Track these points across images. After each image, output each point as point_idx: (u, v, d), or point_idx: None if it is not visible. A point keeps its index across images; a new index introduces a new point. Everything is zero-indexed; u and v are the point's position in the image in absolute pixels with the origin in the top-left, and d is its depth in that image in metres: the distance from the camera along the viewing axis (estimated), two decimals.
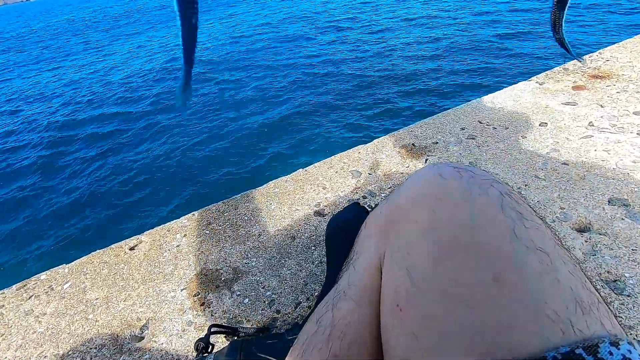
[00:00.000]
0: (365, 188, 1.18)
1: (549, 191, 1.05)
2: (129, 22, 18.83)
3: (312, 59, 7.32)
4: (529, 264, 0.37)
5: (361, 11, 10.74)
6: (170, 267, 0.99)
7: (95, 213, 3.80)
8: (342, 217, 0.77)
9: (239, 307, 0.85)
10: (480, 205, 0.42)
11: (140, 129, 5.48)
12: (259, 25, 11.56)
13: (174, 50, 9.68)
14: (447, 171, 0.47)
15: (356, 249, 0.54)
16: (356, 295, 0.47)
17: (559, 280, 0.37)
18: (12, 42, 19.72)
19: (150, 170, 4.32)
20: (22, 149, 5.62)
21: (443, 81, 5.36)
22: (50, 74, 10.11)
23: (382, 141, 1.43)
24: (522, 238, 0.39)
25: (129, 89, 7.52)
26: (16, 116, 7.08)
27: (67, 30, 20.15)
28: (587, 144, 1.24)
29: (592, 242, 0.88)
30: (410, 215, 0.46)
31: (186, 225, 1.14)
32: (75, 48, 13.75)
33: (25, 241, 3.61)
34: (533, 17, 7.66)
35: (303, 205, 1.15)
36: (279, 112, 5.19)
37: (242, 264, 0.97)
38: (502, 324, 0.35)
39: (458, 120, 1.50)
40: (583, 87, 1.61)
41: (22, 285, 1.01)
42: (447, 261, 0.40)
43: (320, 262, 0.94)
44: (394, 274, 0.44)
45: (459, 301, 0.37)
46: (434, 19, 8.65)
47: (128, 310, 0.88)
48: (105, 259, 1.06)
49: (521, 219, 0.42)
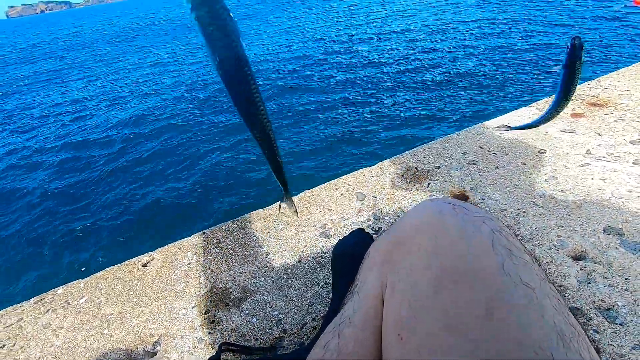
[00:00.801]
0: (370, 211, 1.23)
1: (547, 219, 1.10)
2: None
3: (314, 82, 7.47)
4: (516, 299, 0.42)
5: (366, 36, 10.95)
6: (182, 285, 1.04)
7: (110, 228, 3.87)
8: (347, 242, 0.82)
9: (247, 326, 0.89)
10: (474, 241, 0.47)
11: (157, 148, 5.60)
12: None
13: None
14: (445, 207, 0.52)
15: (360, 277, 0.58)
16: (360, 323, 0.51)
17: (543, 316, 0.41)
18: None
19: (159, 190, 4.41)
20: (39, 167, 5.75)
21: (445, 106, 5.46)
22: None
23: (385, 164, 1.48)
24: (511, 273, 0.44)
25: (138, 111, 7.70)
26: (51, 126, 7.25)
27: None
28: (585, 172, 1.28)
29: (587, 270, 0.91)
30: (411, 248, 0.51)
31: (197, 244, 1.19)
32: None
33: (42, 255, 3.68)
34: (535, 43, 7.80)
35: (309, 227, 1.20)
36: (286, 135, 5.28)
37: (250, 283, 1.01)
38: (494, 356, 0.39)
39: (460, 145, 1.55)
40: (582, 115, 1.66)
41: (40, 299, 1.06)
42: (446, 291, 0.44)
43: (325, 283, 0.98)
44: (395, 304, 0.48)
45: (455, 332, 0.42)
46: (436, 46, 8.82)
47: (141, 326, 0.93)
48: (119, 275, 1.11)
49: (510, 255, 0.46)
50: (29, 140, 6.67)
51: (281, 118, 5.88)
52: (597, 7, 9.64)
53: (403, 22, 11.69)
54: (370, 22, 12.95)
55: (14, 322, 0.99)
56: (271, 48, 11.03)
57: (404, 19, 12.15)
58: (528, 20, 9.54)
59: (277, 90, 7.19)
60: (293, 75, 8.10)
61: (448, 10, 12.45)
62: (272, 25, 15.79)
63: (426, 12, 12.87)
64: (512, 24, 9.47)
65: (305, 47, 10.56)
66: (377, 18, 13.34)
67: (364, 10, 15.84)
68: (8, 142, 6.70)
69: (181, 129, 6.09)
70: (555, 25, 8.70)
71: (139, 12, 47.12)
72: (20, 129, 7.37)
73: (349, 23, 13.44)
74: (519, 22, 9.54)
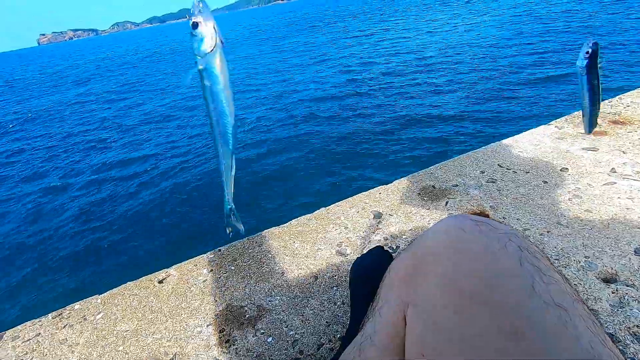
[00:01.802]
0: (387, 229, 1.21)
1: (573, 239, 1.05)
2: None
3: (332, 102, 7.60)
4: (547, 321, 0.39)
5: (379, 54, 11.16)
6: (197, 302, 1.03)
7: (128, 242, 3.94)
8: (366, 260, 0.80)
9: (262, 346, 0.87)
10: (499, 259, 0.45)
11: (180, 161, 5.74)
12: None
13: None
14: (467, 224, 0.51)
15: (381, 296, 0.57)
16: (381, 343, 0.49)
17: (577, 338, 0.38)
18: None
19: (177, 207, 4.48)
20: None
21: (462, 124, 5.44)
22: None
23: (402, 182, 1.47)
24: (541, 294, 0.42)
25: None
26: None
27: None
28: (610, 191, 1.24)
29: (620, 294, 0.87)
30: (433, 267, 0.49)
31: (213, 260, 1.19)
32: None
33: (60, 269, 3.76)
34: (553, 58, 7.78)
35: (325, 245, 1.18)
36: (297, 153, 5.34)
37: (266, 302, 1.00)
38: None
39: (478, 164, 1.53)
40: (604, 133, 1.62)
41: (58, 314, 1.07)
42: (468, 313, 0.42)
43: (342, 302, 0.96)
44: (418, 323, 0.46)
45: (478, 355, 0.39)
46: (453, 62, 8.90)
47: (156, 344, 0.92)
48: (135, 291, 1.11)
49: (540, 274, 0.44)
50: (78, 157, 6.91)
51: (293, 132, 5.97)
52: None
53: (420, 41, 11.85)
54: (389, 40, 13.20)
55: (32, 337, 1.00)
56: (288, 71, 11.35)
57: (426, 37, 12.30)
58: (544, 38, 9.55)
59: (292, 107, 7.36)
60: (307, 90, 8.29)
61: (471, 30, 12.56)
62: (286, 51, 16.26)
63: (451, 31, 13.04)
64: (525, 44, 9.48)
65: (317, 63, 10.83)
66: (402, 36, 13.55)
67: (390, 33, 16.18)
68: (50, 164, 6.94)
69: (199, 147, 6.24)
70: (570, 43, 8.67)
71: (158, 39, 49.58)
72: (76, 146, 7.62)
73: (364, 41, 13.72)
74: (534, 42, 9.55)
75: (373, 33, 16.54)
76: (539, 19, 12.47)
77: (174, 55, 23.54)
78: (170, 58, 22.24)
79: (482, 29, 12.35)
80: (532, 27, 11.43)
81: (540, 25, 11.39)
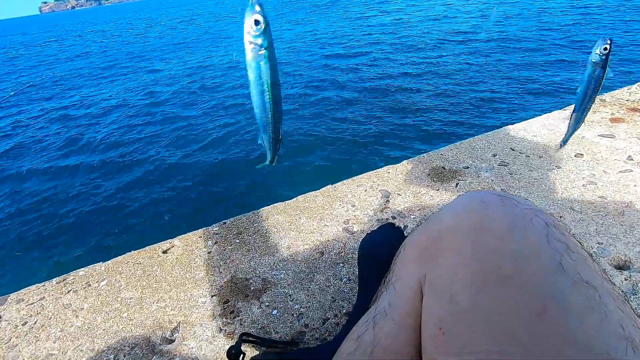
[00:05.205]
0: (395, 208, 1.19)
1: (586, 224, 1.03)
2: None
3: (343, 78, 7.46)
4: (575, 299, 0.37)
5: (397, 36, 10.86)
6: (202, 273, 1.02)
7: (135, 214, 3.97)
8: (376, 236, 0.78)
9: (267, 318, 0.87)
10: (525, 236, 0.43)
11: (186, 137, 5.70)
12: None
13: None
14: (490, 199, 0.48)
15: (395, 271, 0.55)
16: (397, 317, 0.47)
17: (607, 317, 0.36)
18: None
19: (183, 180, 4.48)
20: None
21: (474, 107, 5.33)
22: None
23: (411, 162, 1.44)
24: (569, 271, 0.39)
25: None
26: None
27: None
28: (626, 178, 1.21)
29: (633, 280, 0.85)
30: (452, 243, 0.46)
31: (218, 233, 1.18)
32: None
33: (68, 236, 3.80)
34: (568, 46, 7.56)
35: (332, 221, 1.17)
36: (307, 131, 5.28)
37: (270, 275, 0.99)
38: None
39: (489, 146, 1.49)
40: (621, 120, 1.57)
41: (62, 280, 1.06)
42: (491, 291, 0.40)
43: (348, 279, 0.95)
44: (436, 300, 0.44)
45: (502, 333, 0.37)
46: (469, 46, 8.67)
47: (160, 312, 0.91)
48: (139, 260, 1.11)
49: (567, 250, 0.41)
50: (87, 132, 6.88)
51: (305, 110, 5.91)
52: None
53: (439, 27, 11.51)
54: (398, 23, 12.84)
55: (36, 300, 1.00)
56: (301, 44, 11.14)
57: (442, 24, 11.94)
58: (555, 27, 9.27)
59: (304, 83, 7.26)
60: (320, 70, 8.16)
61: (485, 19, 12.21)
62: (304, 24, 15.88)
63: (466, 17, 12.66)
64: (541, 31, 9.21)
65: (333, 45, 10.61)
66: (420, 19, 13.19)
67: (402, 13, 15.74)
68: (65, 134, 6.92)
69: (208, 122, 6.18)
70: (583, 32, 8.41)
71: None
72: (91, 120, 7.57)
73: (379, 23, 13.36)
74: (545, 30, 9.27)
75: (388, 12, 16.09)
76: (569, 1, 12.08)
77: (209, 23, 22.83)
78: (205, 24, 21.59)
79: (499, 14, 11.97)
80: (556, 9, 11.09)
81: (568, 9, 11.03)
